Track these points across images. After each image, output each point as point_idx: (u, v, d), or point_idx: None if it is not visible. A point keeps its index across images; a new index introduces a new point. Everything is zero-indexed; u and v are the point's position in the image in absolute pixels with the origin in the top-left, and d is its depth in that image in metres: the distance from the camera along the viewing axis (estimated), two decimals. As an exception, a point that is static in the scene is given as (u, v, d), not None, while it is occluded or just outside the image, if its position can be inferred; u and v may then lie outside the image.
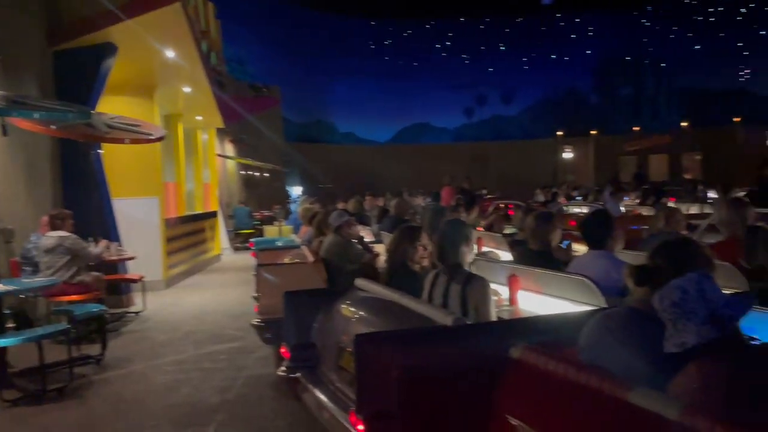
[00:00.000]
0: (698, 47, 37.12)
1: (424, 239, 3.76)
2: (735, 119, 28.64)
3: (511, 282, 3.71)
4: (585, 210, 9.69)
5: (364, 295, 3.62)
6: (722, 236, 4.03)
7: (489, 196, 17.22)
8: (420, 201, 13.56)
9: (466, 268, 3.40)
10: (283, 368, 3.74)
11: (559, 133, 33.09)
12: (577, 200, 14.71)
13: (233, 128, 19.15)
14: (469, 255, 3.40)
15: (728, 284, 3.28)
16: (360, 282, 3.74)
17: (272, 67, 37.05)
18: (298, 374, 3.58)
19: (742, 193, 9.09)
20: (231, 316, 8.10)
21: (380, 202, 12.10)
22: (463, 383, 2.20)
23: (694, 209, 9.82)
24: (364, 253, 5.72)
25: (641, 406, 1.61)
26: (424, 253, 3.76)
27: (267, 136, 22.90)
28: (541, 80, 40.83)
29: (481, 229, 6.96)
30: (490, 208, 9.47)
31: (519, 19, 40.58)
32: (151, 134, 8.08)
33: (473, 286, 3.13)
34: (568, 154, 32.04)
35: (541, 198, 15.65)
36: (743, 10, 35.69)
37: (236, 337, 6.95)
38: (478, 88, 41.85)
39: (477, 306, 3.08)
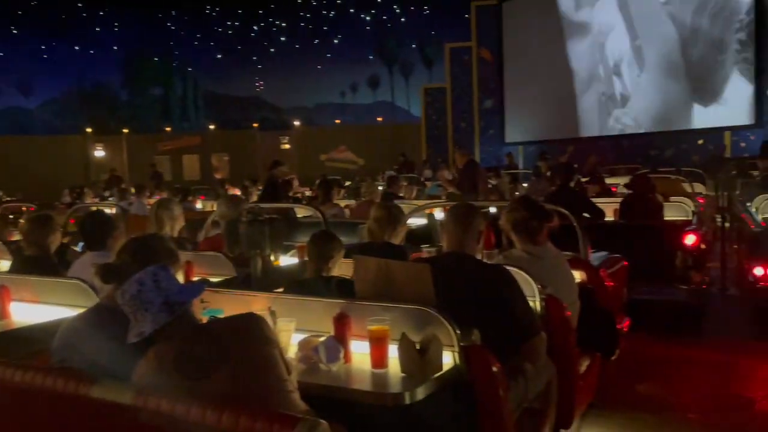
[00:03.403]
0: (220, 56, 40.37)
1: None
2: (254, 124, 32.23)
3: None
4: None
5: None
6: (221, 230, 4.49)
7: (7, 199, 15.09)
8: None
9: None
10: None
11: (89, 129, 31.23)
12: (111, 200, 14.20)
13: None
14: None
15: (219, 271, 3.70)
16: None
17: None
18: None
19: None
20: None
21: None
22: None
23: (217, 206, 10.79)
24: None
25: (102, 398, 1.68)
26: None
27: None
28: (66, 72, 37.64)
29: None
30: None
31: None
32: None
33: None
34: (100, 153, 30.46)
35: (68, 199, 14.52)
36: (255, 28, 40.46)
37: None
38: (-14, 74, 35.95)
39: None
